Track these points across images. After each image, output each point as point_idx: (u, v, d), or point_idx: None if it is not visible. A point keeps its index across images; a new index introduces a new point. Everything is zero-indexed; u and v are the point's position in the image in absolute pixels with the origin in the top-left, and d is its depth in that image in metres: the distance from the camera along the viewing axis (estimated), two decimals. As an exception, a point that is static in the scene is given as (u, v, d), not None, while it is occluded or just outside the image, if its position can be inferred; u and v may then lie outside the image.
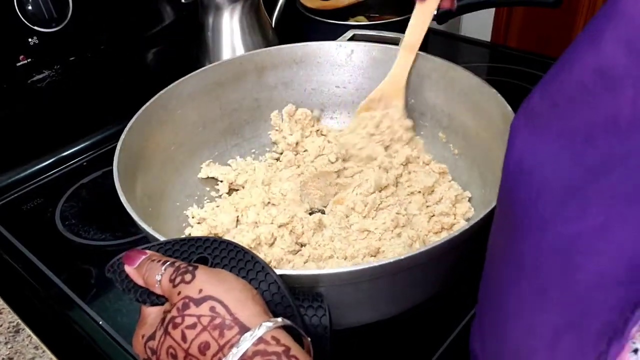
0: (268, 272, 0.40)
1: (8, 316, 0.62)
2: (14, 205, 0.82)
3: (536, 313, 0.26)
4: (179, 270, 0.39)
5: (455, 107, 0.75)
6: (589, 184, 0.23)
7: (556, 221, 0.24)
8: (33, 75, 0.84)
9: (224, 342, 0.34)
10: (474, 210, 0.68)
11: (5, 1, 0.77)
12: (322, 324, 0.41)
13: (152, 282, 0.40)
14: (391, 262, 0.46)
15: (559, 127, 0.25)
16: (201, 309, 0.36)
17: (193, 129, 0.78)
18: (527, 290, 0.27)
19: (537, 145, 0.26)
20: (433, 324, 0.60)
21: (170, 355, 0.36)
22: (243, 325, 0.35)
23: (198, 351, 0.35)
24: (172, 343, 0.36)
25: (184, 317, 0.36)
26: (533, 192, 0.26)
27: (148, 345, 0.39)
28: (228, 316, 0.35)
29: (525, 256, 0.27)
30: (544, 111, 0.26)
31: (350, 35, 0.86)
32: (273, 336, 0.34)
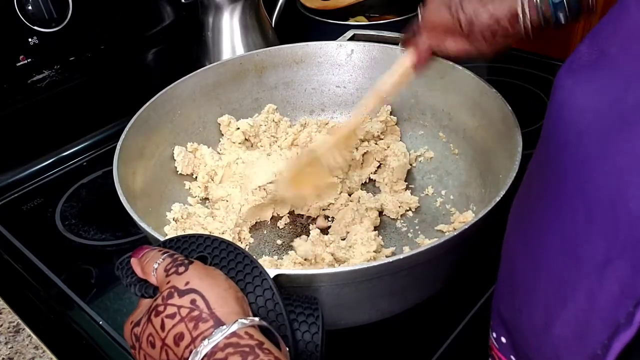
0: (265, 277, 0.40)
1: (8, 316, 0.62)
2: (14, 205, 0.82)
3: (581, 245, 0.26)
4: (175, 262, 0.39)
5: (456, 107, 0.75)
6: (635, 120, 0.24)
7: (603, 156, 0.25)
8: (33, 75, 0.84)
9: (197, 334, 0.35)
10: (474, 210, 0.68)
11: (5, 1, 0.77)
12: (314, 341, 0.41)
13: (148, 271, 0.41)
14: (391, 261, 0.46)
15: (605, 72, 0.26)
16: (183, 300, 0.36)
17: (193, 129, 0.78)
18: (569, 225, 0.27)
19: (581, 92, 0.27)
20: (433, 324, 0.60)
21: (150, 343, 0.37)
22: (218, 320, 0.35)
23: (173, 342, 0.36)
24: (152, 331, 0.37)
25: (166, 306, 0.37)
26: (575, 134, 0.27)
27: (134, 332, 0.39)
28: (206, 310, 0.36)
29: (566, 194, 0.28)
30: (591, 61, 0.28)
31: (350, 35, 0.86)
32: (246, 332, 0.35)
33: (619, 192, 0.24)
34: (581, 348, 0.26)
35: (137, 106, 0.69)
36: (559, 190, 0.29)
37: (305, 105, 0.86)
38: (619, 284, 0.24)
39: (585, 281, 0.26)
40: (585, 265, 0.26)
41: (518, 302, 0.33)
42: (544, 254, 0.30)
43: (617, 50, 0.27)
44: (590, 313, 0.25)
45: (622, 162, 0.24)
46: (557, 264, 0.29)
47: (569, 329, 0.27)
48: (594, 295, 0.25)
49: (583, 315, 0.26)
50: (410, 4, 1.06)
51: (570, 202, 0.28)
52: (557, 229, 0.29)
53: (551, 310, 0.29)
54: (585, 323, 0.26)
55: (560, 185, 0.29)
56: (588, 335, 0.25)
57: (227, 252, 0.42)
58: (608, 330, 0.24)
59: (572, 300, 0.27)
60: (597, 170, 0.26)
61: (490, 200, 0.51)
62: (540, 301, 0.30)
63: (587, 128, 0.27)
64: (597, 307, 0.25)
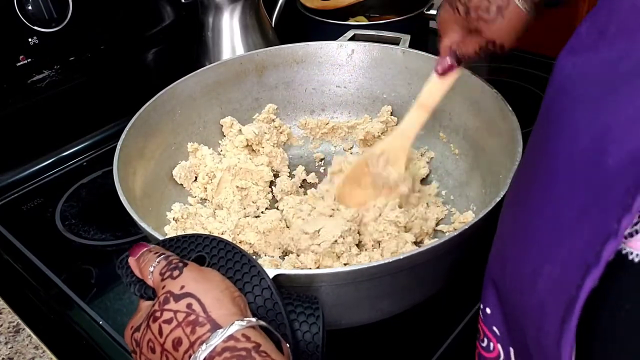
0: (263, 277, 0.40)
1: (8, 316, 0.62)
2: (14, 205, 0.82)
3: (565, 205, 0.28)
4: (170, 265, 0.39)
5: (456, 107, 0.75)
6: (622, 86, 0.26)
7: (590, 118, 0.27)
8: (33, 75, 0.84)
9: (194, 338, 0.35)
10: (474, 210, 0.68)
11: (5, 1, 0.77)
12: (315, 341, 0.41)
13: (145, 274, 0.41)
14: (391, 261, 0.46)
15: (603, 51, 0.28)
16: (179, 304, 0.36)
17: (193, 128, 0.78)
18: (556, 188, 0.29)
19: (579, 67, 0.29)
20: (433, 324, 0.60)
21: (150, 348, 0.37)
22: (215, 323, 0.35)
23: (172, 347, 0.36)
24: (151, 337, 0.37)
25: (163, 312, 0.37)
26: (570, 102, 0.29)
27: (134, 337, 0.39)
28: (202, 314, 0.36)
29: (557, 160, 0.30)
30: (590, 42, 0.29)
31: (350, 35, 0.86)
32: (244, 334, 0.34)
33: (600, 151, 0.26)
34: (560, 295, 0.27)
35: (137, 106, 0.69)
36: (550, 156, 0.30)
37: (306, 105, 0.86)
38: (591, 230, 0.26)
39: (567, 237, 0.28)
40: (566, 221, 0.28)
41: (508, 267, 0.35)
42: (533, 217, 0.32)
43: (615, 29, 0.28)
44: (567, 263, 0.27)
45: (607, 122, 0.26)
46: (544, 225, 0.30)
47: (550, 282, 0.29)
48: (571, 247, 0.27)
49: (562, 267, 0.28)
50: (411, 4, 1.07)
51: (559, 167, 0.29)
52: (546, 193, 0.31)
53: (537, 267, 0.30)
54: (564, 273, 0.28)
55: (551, 152, 0.30)
56: (565, 283, 0.27)
57: (225, 251, 0.42)
58: (580, 273, 0.26)
59: (555, 254, 0.29)
60: (585, 134, 0.27)
61: (490, 200, 0.51)
62: (528, 261, 0.31)
63: (580, 96, 0.29)
64: (573, 257, 0.27)
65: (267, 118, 0.82)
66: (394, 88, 0.81)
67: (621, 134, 0.25)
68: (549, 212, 0.30)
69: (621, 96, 0.26)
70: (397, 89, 0.81)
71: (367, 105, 0.84)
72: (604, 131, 0.26)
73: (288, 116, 0.86)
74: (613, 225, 0.24)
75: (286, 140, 0.84)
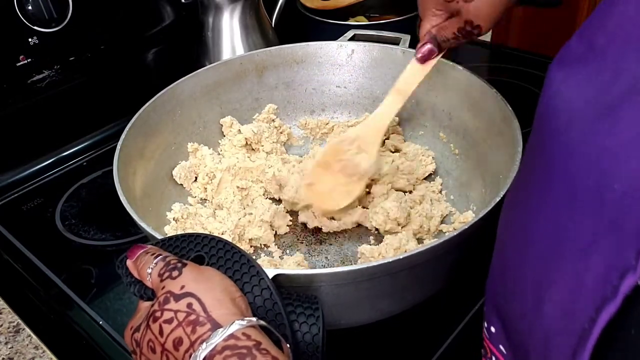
0: (262, 277, 0.40)
1: (8, 316, 0.62)
2: (14, 205, 0.82)
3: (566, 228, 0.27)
4: (168, 265, 0.39)
5: (456, 106, 0.75)
6: (620, 105, 0.25)
7: (589, 142, 0.26)
8: (33, 75, 0.84)
9: (195, 337, 0.35)
10: (474, 210, 0.68)
11: (5, 1, 0.77)
12: (315, 342, 0.40)
13: (143, 275, 0.41)
14: (391, 261, 0.46)
15: (593, 64, 0.28)
16: (179, 304, 0.36)
17: (193, 128, 0.78)
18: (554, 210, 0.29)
19: (570, 82, 0.29)
20: (433, 324, 0.60)
21: (150, 348, 0.37)
22: (216, 323, 0.35)
23: (172, 346, 0.36)
24: (152, 337, 0.37)
25: (163, 312, 0.37)
26: (564, 121, 0.28)
27: (134, 337, 0.39)
28: (203, 313, 0.36)
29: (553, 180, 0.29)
30: (580, 54, 0.29)
31: (350, 35, 0.86)
32: (244, 333, 0.35)
33: (604, 175, 0.25)
34: (570, 326, 0.27)
35: (137, 106, 0.69)
36: (546, 177, 0.30)
37: (306, 105, 0.86)
38: (604, 261, 0.25)
39: (571, 262, 0.27)
40: (570, 247, 0.27)
41: (508, 286, 0.34)
42: (531, 237, 0.31)
43: (604, 41, 0.28)
44: (578, 292, 0.26)
45: (607, 145, 0.25)
46: (544, 247, 0.30)
47: (558, 309, 0.28)
48: (581, 275, 0.26)
49: (570, 294, 0.27)
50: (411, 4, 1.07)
51: (556, 187, 0.29)
52: (544, 213, 0.30)
53: (539, 292, 0.29)
54: (573, 302, 0.27)
55: (547, 172, 0.30)
56: (576, 313, 0.26)
57: (224, 251, 0.42)
58: (595, 305, 0.25)
59: (559, 282, 0.28)
60: (583, 156, 0.27)
61: (490, 200, 0.51)
62: (529, 284, 0.31)
63: (575, 116, 0.28)
64: (584, 286, 0.26)
65: (267, 118, 0.82)
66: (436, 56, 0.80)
67: (625, 157, 0.24)
68: (548, 233, 0.29)
69: (620, 116, 0.25)
70: None
71: (367, 105, 0.84)
72: (603, 151, 0.25)
73: (288, 116, 0.86)
74: (631, 259, 0.23)
75: (286, 140, 0.84)
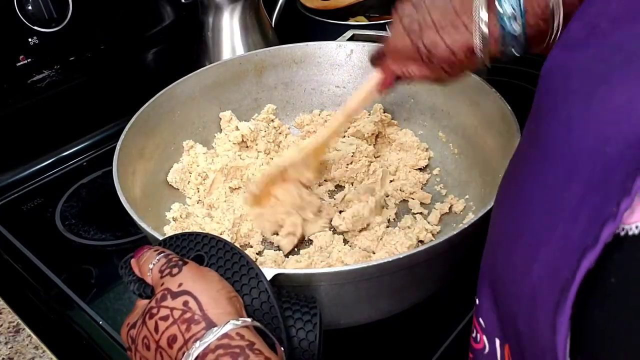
0: (260, 280, 0.40)
1: (8, 316, 0.62)
2: (14, 205, 0.82)
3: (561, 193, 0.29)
4: (169, 262, 0.40)
5: (455, 106, 0.75)
6: (614, 75, 0.26)
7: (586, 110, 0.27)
8: (33, 75, 0.84)
9: (189, 335, 0.35)
10: (474, 210, 0.68)
11: (5, 1, 0.77)
12: (310, 348, 0.40)
13: (144, 271, 0.41)
14: (390, 261, 0.46)
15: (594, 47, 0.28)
16: (176, 302, 0.37)
17: (193, 128, 0.78)
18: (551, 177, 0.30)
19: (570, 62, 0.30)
20: (433, 324, 0.60)
21: (145, 345, 0.37)
22: (210, 322, 0.35)
23: (167, 344, 0.36)
24: (147, 333, 0.37)
25: (160, 308, 0.37)
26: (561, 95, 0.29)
27: (130, 334, 0.40)
28: (198, 312, 0.36)
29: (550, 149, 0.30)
30: (582, 37, 0.30)
31: (349, 35, 0.86)
32: (238, 333, 0.35)
33: (598, 141, 0.26)
34: (555, 280, 0.27)
35: (137, 106, 0.69)
36: (544, 147, 0.31)
37: (305, 105, 0.86)
38: (590, 215, 0.26)
39: (561, 223, 0.28)
40: (563, 209, 0.28)
41: (500, 257, 0.35)
42: (526, 205, 0.32)
43: (607, 24, 0.28)
44: (564, 247, 0.27)
45: (601, 112, 0.26)
46: (538, 212, 0.30)
47: (545, 267, 0.29)
48: (569, 231, 0.27)
49: (557, 251, 0.28)
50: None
51: (553, 156, 0.30)
52: (539, 182, 0.31)
53: (530, 254, 0.30)
54: (559, 257, 0.27)
55: (544, 143, 0.31)
56: (560, 267, 0.27)
57: (223, 251, 0.42)
58: (577, 256, 0.26)
59: (549, 242, 0.29)
60: (580, 124, 0.28)
61: (490, 200, 0.51)
62: (520, 249, 0.32)
63: (571, 88, 0.29)
64: (570, 240, 0.27)
65: (266, 118, 0.82)
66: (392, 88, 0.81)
67: (616, 121, 0.26)
68: (543, 200, 0.30)
69: (614, 85, 0.26)
70: (395, 89, 0.81)
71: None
72: (598, 120, 0.27)
73: (287, 116, 0.86)
74: (612, 208, 0.24)
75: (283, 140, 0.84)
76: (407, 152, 0.78)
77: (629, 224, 0.25)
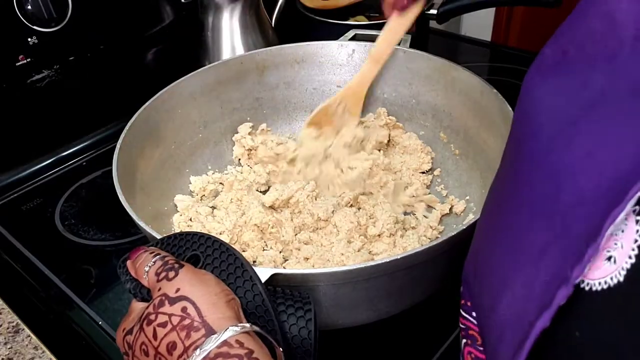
0: (255, 282, 0.40)
1: (8, 316, 0.62)
2: (14, 205, 0.82)
3: (524, 235, 0.29)
4: (166, 265, 0.39)
5: (456, 107, 0.75)
6: (579, 120, 0.26)
7: (550, 152, 0.27)
8: (33, 75, 0.84)
9: (189, 343, 0.35)
10: (474, 211, 0.68)
11: (5, 1, 0.77)
12: (304, 346, 0.40)
13: (140, 273, 0.41)
14: (388, 261, 0.46)
15: (564, 75, 0.29)
16: (174, 308, 0.36)
17: (194, 128, 0.78)
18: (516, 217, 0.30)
19: (543, 92, 0.30)
20: (432, 324, 0.60)
21: (143, 351, 0.37)
22: (210, 328, 0.35)
23: (166, 351, 0.35)
24: (145, 340, 0.37)
25: (158, 315, 0.37)
26: (532, 131, 0.29)
27: (126, 340, 0.39)
28: (197, 318, 0.36)
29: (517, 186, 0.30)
30: (554, 62, 0.30)
31: (351, 34, 0.86)
32: (237, 340, 0.34)
33: (558, 188, 0.26)
34: (515, 328, 0.28)
35: (137, 106, 0.69)
36: (512, 182, 0.31)
37: (307, 105, 0.86)
38: (550, 269, 0.26)
39: (525, 269, 0.28)
40: (526, 254, 0.28)
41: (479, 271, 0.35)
42: (498, 236, 0.32)
43: (574, 52, 0.29)
44: (527, 295, 0.27)
45: (562, 159, 0.26)
46: (505, 251, 0.31)
47: (511, 307, 0.29)
48: (531, 281, 0.27)
49: (522, 296, 0.28)
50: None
51: (520, 195, 0.30)
52: (507, 219, 0.31)
53: (496, 294, 0.30)
54: (523, 304, 0.28)
55: (513, 177, 0.31)
56: (522, 316, 0.27)
57: (219, 252, 0.42)
58: (535, 312, 0.26)
59: (513, 286, 0.29)
60: (544, 167, 0.28)
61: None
62: (490, 285, 0.32)
63: (542, 125, 0.29)
64: (533, 290, 0.27)
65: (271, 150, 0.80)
66: (394, 88, 0.81)
67: (574, 173, 0.25)
68: (509, 235, 0.30)
69: (576, 132, 0.26)
70: (397, 89, 0.81)
71: (367, 105, 0.84)
72: (559, 167, 0.26)
73: (289, 116, 0.86)
74: (567, 272, 0.24)
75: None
76: (410, 155, 0.77)
77: (592, 279, 0.25)
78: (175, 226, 0.69)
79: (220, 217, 0.69)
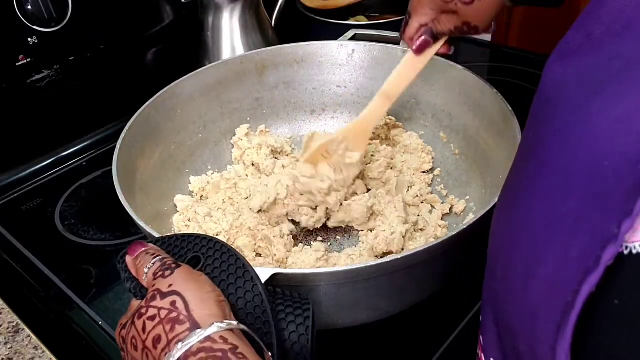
0: (256, 283, 0.40)
1: (8, 316, 0.62)
2: (14, 205, 0.82)
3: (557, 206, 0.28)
4: (164, 265, 0.39)
5: (456, 107, 0.75)
6: (610, 85, 0.26)
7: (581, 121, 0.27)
8: (33, 75, 0.84)
9: (172, 336, 0.35)
10: (474, 211, 0.68)
11: (5, 1, 0.77)
12: (301, 342, 0.40)
13: (140, 274, 0.41)
14: (388, 261, 0.46)
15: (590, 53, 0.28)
16: (164, 302, 0.36)
17: (193, 128, 0.78)
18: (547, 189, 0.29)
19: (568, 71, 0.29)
20: (432, 325, 0.60)
21: (133, 345, 0.37)
22: (195, 323, 0.35)
23: (152, 344, 0.35)
24: (135, 334, 0.37)
25: (148, 308, 0.37)
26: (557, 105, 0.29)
27: (121, 335, 0.39)
28: (184, 312, 0.35)
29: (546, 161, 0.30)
30: (578, 45, 0.30)
31: (351, 34, 0.86)
32: (221, 336, 0.34)
33: (595, 154, 0.26)
34: (554, 301, 0.27)
35: (137, 106, 0.69)
36: (539, 157, 0.30)
37: (306, 105, 0.86)
38: (589, 234, 0.25)
39: (559, 239, 0.27)
40: (560, 223, 0.27)
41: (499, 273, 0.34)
42: (523, 217, 0.31)
43: (601, 30, 0.28)
44: (563, 266, 0.27)
45: (599, 124, 0.26)
46: (535, 225, 0.30)
47: (543, 285, 0.28)
48: (567, 249, 0.26)
49: (556, 269, 0.27)
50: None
51: (548, 167, 0.29)
52: (536, 193, 0.30)
53: (529, 270, 0.30)
54: (558, 276, 0.27)
55: (540, 153, 0.30)
56: (560, 287, 0.26)
57: (220, 253, 0.42)
58: (578, 278, 0.25)
59: (547, 258, 0.28)
60: (576, 135, 0.27)
61: (490, 200, 0.51)
62: (519, 265, 0.31)
63: (568, 97, 0.28)
64: (569, 259, 0.26)
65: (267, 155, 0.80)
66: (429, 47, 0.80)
67: (613, 135, 0.25)
68: (540, 212, 0.30)
69: (612, 94, 0.26)
70: None
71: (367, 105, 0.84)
72: (595, 132, 0.26)
73: (289, 115, 0.86)
74: (613, 230, 0.24)
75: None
76: (411, 155, 0.77)
77: (632, 242, 0.24)
78: (175, 226, 0.69)
79: (218, 218, 0.69)
